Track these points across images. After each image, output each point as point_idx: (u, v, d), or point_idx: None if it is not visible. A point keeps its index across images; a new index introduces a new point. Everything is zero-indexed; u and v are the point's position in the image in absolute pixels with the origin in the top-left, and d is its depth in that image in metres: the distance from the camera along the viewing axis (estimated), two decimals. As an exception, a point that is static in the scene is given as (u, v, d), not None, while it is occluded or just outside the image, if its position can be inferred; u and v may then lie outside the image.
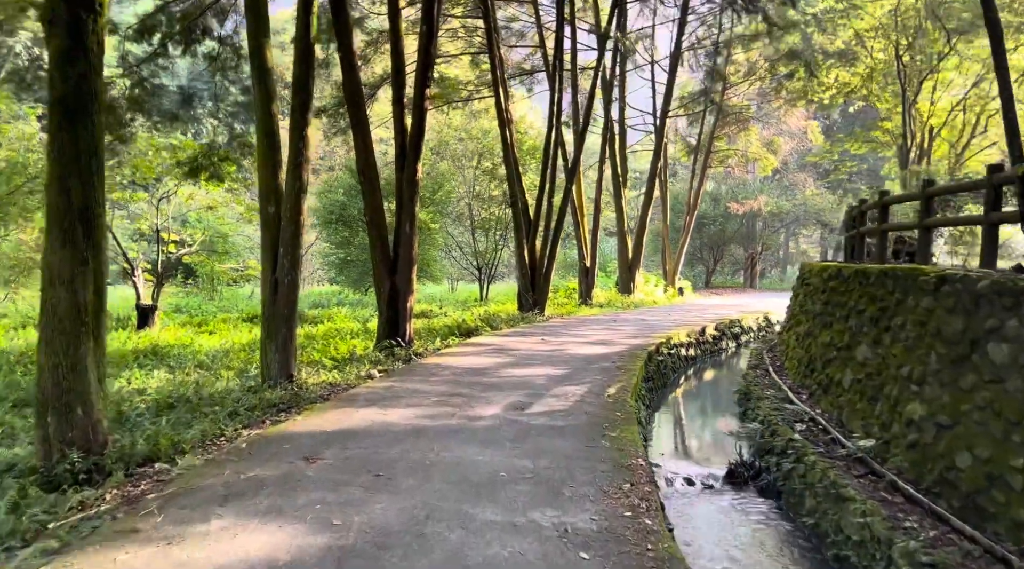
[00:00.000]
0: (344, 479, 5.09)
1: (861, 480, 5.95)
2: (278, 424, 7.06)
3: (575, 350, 11.96)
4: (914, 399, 5.97)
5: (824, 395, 8.41)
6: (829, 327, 9.05)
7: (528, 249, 19.14)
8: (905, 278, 6.83)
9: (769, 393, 9.67)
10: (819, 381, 8.78)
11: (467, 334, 15.13)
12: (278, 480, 5.05)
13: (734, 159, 30.50)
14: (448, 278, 40.62)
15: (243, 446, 5.99)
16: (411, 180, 13.02)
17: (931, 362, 5.83)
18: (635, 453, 5.98)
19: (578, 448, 6.04)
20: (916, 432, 5.77)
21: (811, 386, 9.09)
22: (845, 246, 13.77)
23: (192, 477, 5.19)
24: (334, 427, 6.63)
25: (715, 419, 10.42)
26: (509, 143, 19.17)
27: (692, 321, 18.22)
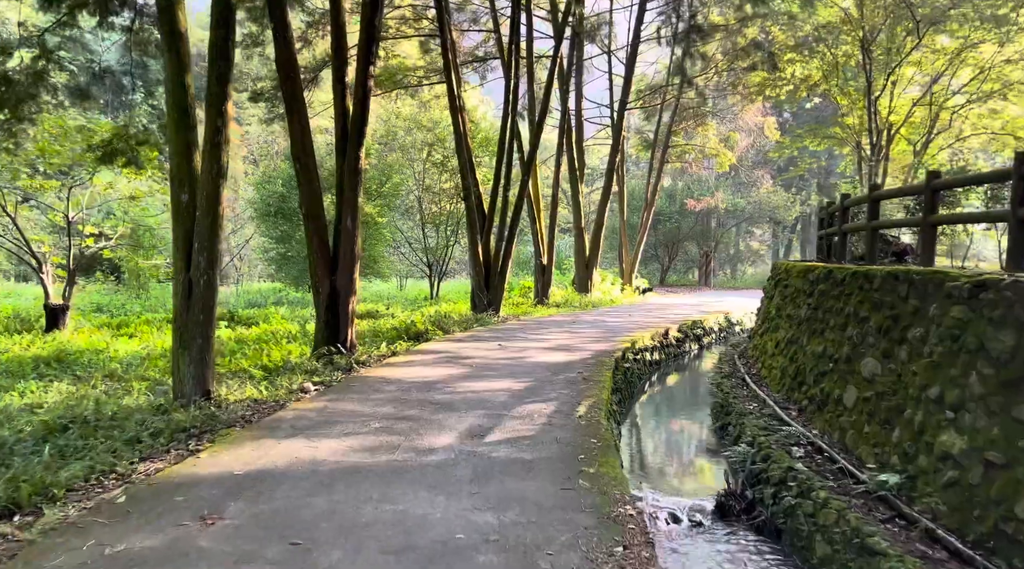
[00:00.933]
0: (248, 552, 3.83)
1: (888, 526, 4.97)
2: (182, 461, 5.73)
3: (536, 357, 10.84)
4: (948, 428, 5.02)
5: (819, 413, 7.48)
6: (820, 335, 8.14)
7: (482, 246, 17.96)
8: (924, 283, 5.91)
9: (752, 407, 8.73)
10: (811, 396, 7.86)
11: (416, 338, 13.89)
12: (155, 559, 3.75)
13: (691, 155, 29.89)
14: (396, 275, 39.11)
15: (121, 500, 4.65)
16: (354, 168, 11.72)
17: (971, 385, 4.89)
18: (622, 497, 4.88)
19: (552, 493, 4.90)
20: (955, 469, 4.82)
21: (800, 401, 8.17)
22: (820, 245, 13.01)
23: (35, 553, 3.85)
24: (247, 467, 5.33)
25: (692, 436, 9.44)
26: (462, 132, 17.93)
27: (654, 323, 17.33)
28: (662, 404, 12.00)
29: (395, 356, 11.22)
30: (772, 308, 11.63)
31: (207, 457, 5.64)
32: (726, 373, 11.25)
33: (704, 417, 10.27)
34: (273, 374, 10.30)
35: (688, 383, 13.94)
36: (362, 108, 11.63)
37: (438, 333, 13.66)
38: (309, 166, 11.38)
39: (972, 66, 20.30)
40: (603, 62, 41.15)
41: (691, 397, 12.36)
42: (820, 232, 13.06)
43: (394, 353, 11.88)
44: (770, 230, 41.58)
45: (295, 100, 11.18)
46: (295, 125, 11.22)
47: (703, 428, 9.67)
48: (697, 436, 9.33)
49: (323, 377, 9.94)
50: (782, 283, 11.45)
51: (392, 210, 27.99)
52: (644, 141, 30.73)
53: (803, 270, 9.73)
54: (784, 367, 9.09)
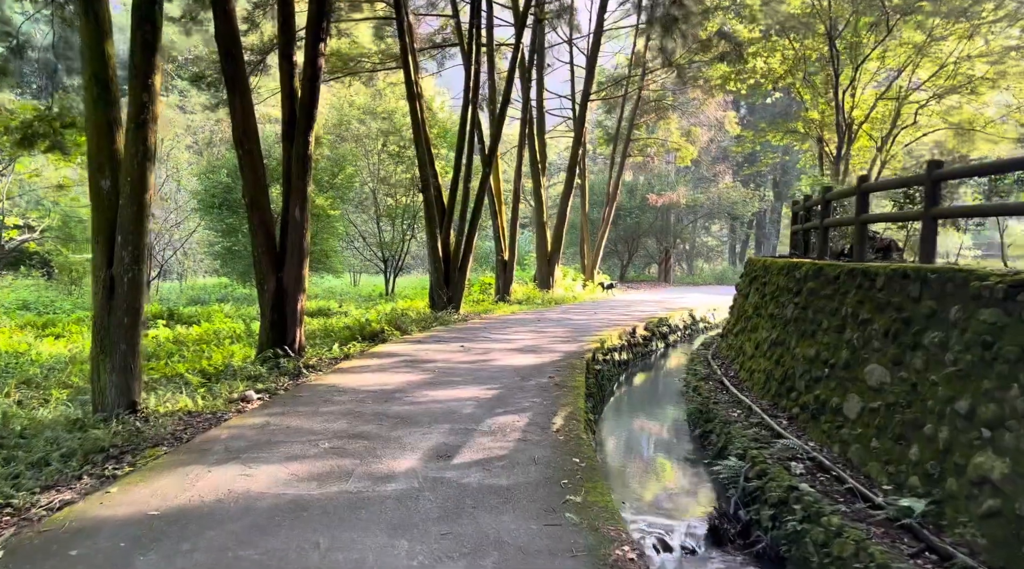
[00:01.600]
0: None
1: (918, 561, 4.36)
2: (92, 493, 4.80)
3: (503, 360, 10.06)
4: (984, 448, 4.43)
5: (813, 423, 6.89)
6: (811, 337, 7.56)
7: (442, 240, 17.09)
8: (942, 282, 5.32)
9: (736, 415, 8.12)
10: (803, 403, 7.27)
11: (372, 338, 12.98)
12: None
13: (653, 149, 29.48)
14: (350, 270, 37.86)
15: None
16: (302, 155, 10.78)
17: (1011, 399, 4.30)
18: (617, 534, 4.14)
19: (535, 531, 4.13)
20: (996, 497, 4.22)
21: (790, 408, 7.58)
22: (795, 240, 12.55)
23: None
24: (167, 504, 4.42)
25: (671, 446, 8.79)
26: (420, 120, 17.01)
27: (620, 320, 16.73)
28: (635, 408, 11.35)
29: (348, 360, 10.31)
30: (748, 307, 11.09)
31: (119, 492, 4.70)
32: (702, 375, 10.66)
33: (681, 423, 9.65)
34: (213, 380, 9.35)
35: (659, 385, 13.35)
36: (311, 89, 10.71)
37: (395, 334, 12.77)
38: (253, 152, 10.40)
39: (933, 60, 20.25)
40: (564, 53, 40.66)
41: (664, 400, 11.75)
42: (795, 227, 12.60)
43: (347, 356, 10.98)
44: (727, 226, 41.61)
45: (237, 78, 10.17)
46: (237, 106, 10.22)
47: (682, 436, 9.03)
48: (677, 446, 8.69)
49: (267, 384, 9.03)
50: (759, 280, 10.92)
51: (345, 203, 26.86)
52: (606, 134, 30.17)
53: (785, 267, 9.17)
54: (769, 371, 8.51)
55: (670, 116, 28.65)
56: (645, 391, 12.67)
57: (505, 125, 18.70)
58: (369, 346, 12.05)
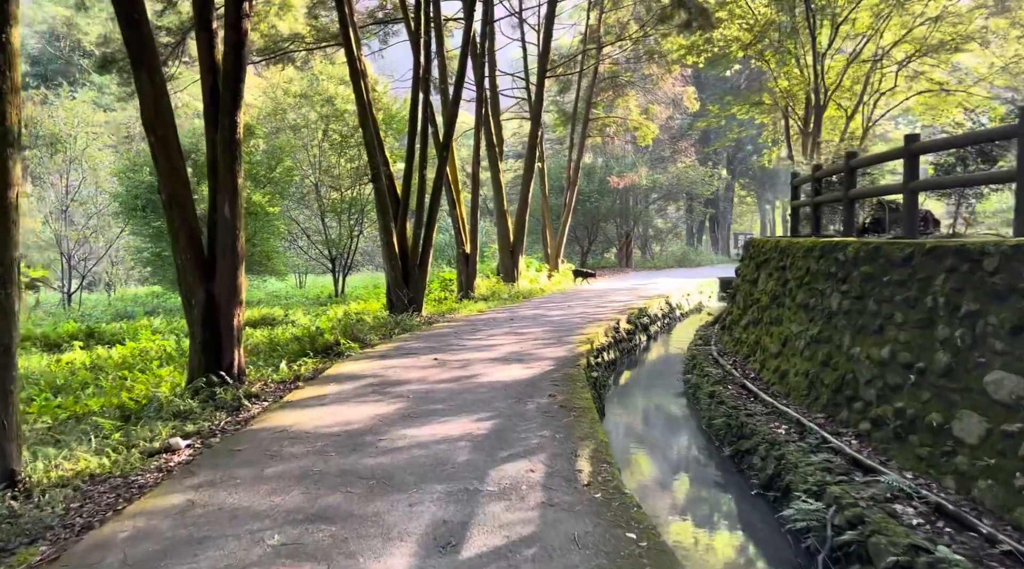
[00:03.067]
0: None
1: None
2: None
3: (488, 375, 8.40)
4: None
5: (900, 445, 5.47)
6: (877, 333, 6.14)
7: (398, 234, 15.27)
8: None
9: (782, 431, 6.67)
10: (876, 418, 5.84)
11: (326, 352, 11.20)
12: None
13: (612, 128, 28.09)
14: (295, 271, 35.50)
15: None
16: (230, 139, 8.92)
17: None
18: None
19: None
20: None
21: (855, 424, 6.15)
22: (798, 217, 11.23)
23: None
24: None
25: (702, 474, 7.29)
26: (366, 101, 15.11)
27: (599, 314, 15.25)
28: (639, 420, 9.85)
29: (300, 388, 8.50)
30: (761, 295, 9.69)
31: None
32: (715, 377, 9.20)
33: (698, 437, 8.19)
34: (132, 420, 7.53)
35: (655, 386, 11.89)
36: (236, 58, 8.82)
37: (353, 347, 10.96)
38: (168, 138, 8.51)
39: (902, 24, 19.32)
40: (513, 30, 39.09)
41: (669, 407, 10.30)
42: (797, 202, 11.26)
43: (298, 379, 9.18)
44: (685, 206, 40.66)
45: (143, 50, 8.25)
46: (145, 83, 8.29)
47: (708, 458, 7.55)
48: (712, 474, 7.21)
49: (199, 423, 7.22)
50: (772, 264, 9.53)
51: (285, 198, 24.67)
52: (562, 114, 28.64)
53: (817, 248, 7.75)
54: (812, 374, 7.08)
55: (628, 93, 27.27)
56: (643, 396, 11.19)
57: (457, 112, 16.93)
58: (323, 363, 10.25)
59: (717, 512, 6.32)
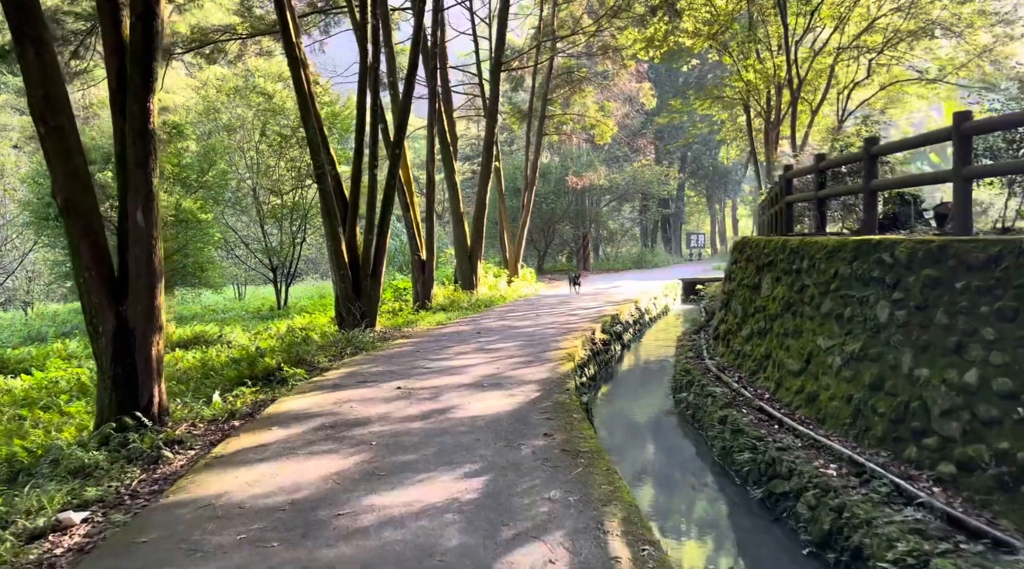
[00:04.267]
0: None
1: None
2: None
3: (466, 408, 7.01)
4: None
5: (1009, 499, 4.33)
6: (954, 353, 5.02)
7: (347, 241, 13.74)
8: None
9: (832, 472, 5.50)
10: (963, 460, 4.71)
11: (267, 379, 9.67)
12: None
13: (569, 126, 26.98)
14: (234, 282, 33.28)
15: None
16: (141, 130, 7.37)
17: None
18: None
19: None
20: None
21: (931, 465, 5.01)
22: (789, 215, 10.20)
23: None
24: None
25: (735, 522, 6.06)
26: (307, 92, 13.54)
27: (571, 323, 14.03)
28: (642, 452, 8.60)
29: (235, 426, 6.96)
30: (769, 302, 8.58)
31: None
32: (722, 399, 8.01)
33: (716, 475, 6.98)
34: (20, 481, 5.94)
35: (644, 406, 10.70)
36: (146, 31, 7.28)
37: (299, 373, 9.40)
38: (63, 130, 6.92)
39: (863, 16, 18.74)
40: (459, 23, 37.65)
41: (666, 434, 9.11)
42: (792, 197, 10.23)
43: (234, 416, 7.66)
44: (639, 207, 39.91)
45: (26, 18, 6.66)
46: (31, 61, 6.72)
47: (738, 505, 6.34)
48: (745, 524, 6.00)
49: (105, 485, 5.73)
50: (779, 266, 8.43)
51: (220, 204, 22.70)
52: (517, 111, 27.39)
53: (849, 248, 6.64)
54: (860, 399, 5.93)
55: (585, 89, 26.22)
56: (633, 419, 9.95)
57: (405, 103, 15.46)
58: (264, 393, 8.72)
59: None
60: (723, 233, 58.20)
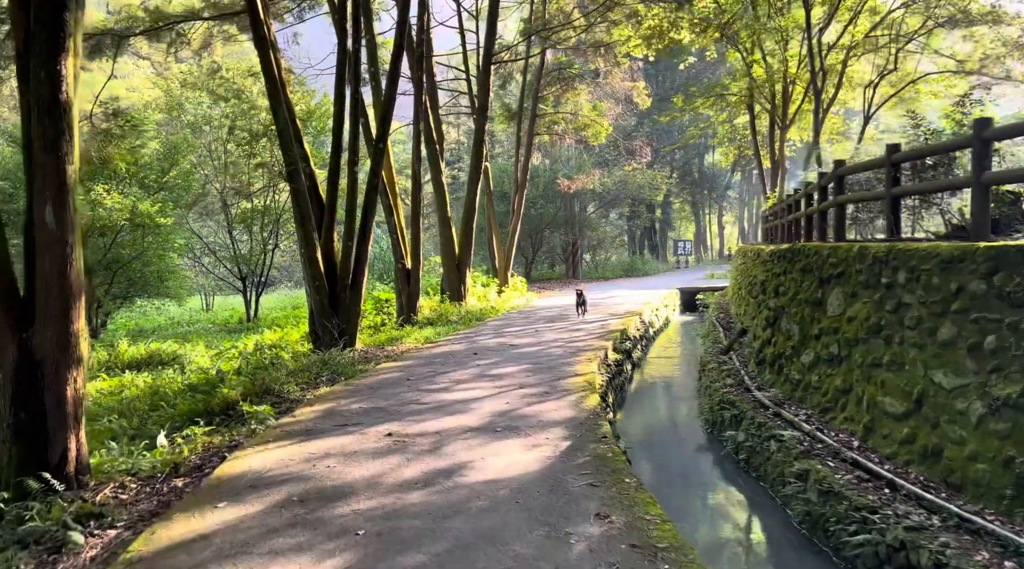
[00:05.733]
0: None
1: None
2: None
3: (478, 466, 5.34)
4: None
5: None
6: None
7: (323, 248, 12.03)
8: None
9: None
10: None
11: (226, 413, 8.00)
12: None
13: (561, 125, 25.44)
14: (201, 292, 31.23)
15: None
16: (51, 102, 5.74)
17: None
18: None
19: None
20: None
21: None
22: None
23: None
24: None
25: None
26: (278, 80, 11.82)
27: (578, 341, 12.43)
28: (714, 535, 6.98)
29: (175, 501, 5.23)
30: (842, 323, 7.03)
31: None
32: (796, 447, 6.43)
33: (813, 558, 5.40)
34: None
35: (683, 447, 9.11)
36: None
37: (264, 412, 7.64)
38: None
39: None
40: (444, 16, 36.10)
41: (732, 495, 7.53)
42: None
43: (176, 471, 5.96)
44: (628, 212, 38.46)
45: None
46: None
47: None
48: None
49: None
50: (854, 278, 6.90)
51: (183, 207, 20.77)
52: (506, 110, 25.78)
53: (982, 256, 5.11)
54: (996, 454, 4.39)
55: (577, 87, 24.71)
56: (668, 461, 8.33)
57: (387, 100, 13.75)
58: (220, 433, 7.00)
59: None
60: (708, 239, 57.13)
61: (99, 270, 17.44)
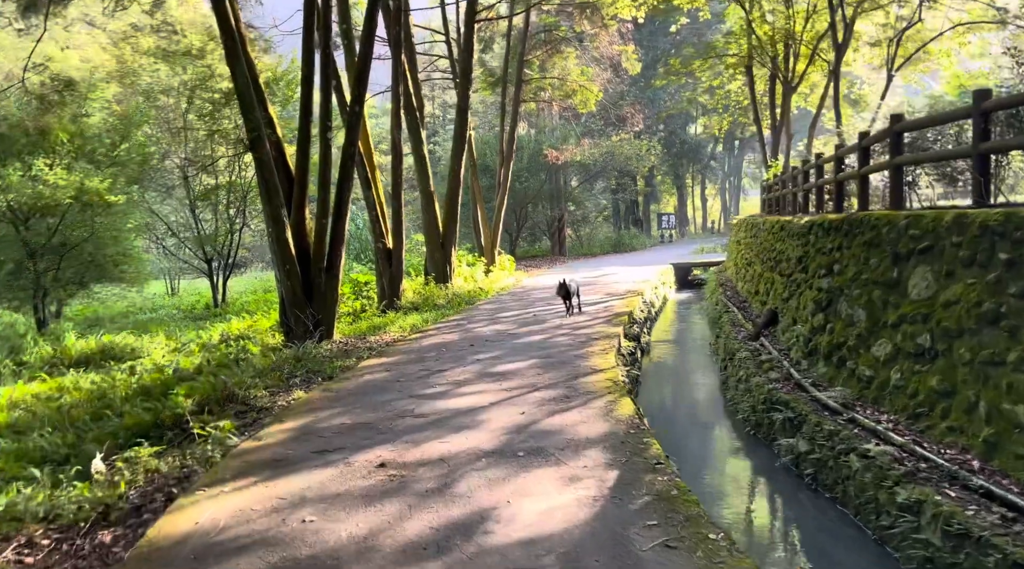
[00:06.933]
0: None
1: None
2: None
3: (504, 518, 3.98)
4: None
5: None
6: None
7: (293, 226, 10.52)
8: None
9: None
10: None
11: (178, 426, 6.62)
12: None
13: (548, 92, 23.85)
14: (165, 276, 29.37)
15: None
16: None
17: None
18: None
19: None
20: None
21: None
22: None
23: None
24: None
25: None
26: (235, 33, 10.19)
27: (583, 326, 11.13)
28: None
29: (103, 560, 3.81)
30: (940, 311, 5.75)
31: None
32: (895, 464, 5.15)
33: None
34: None
35: (718, 451, 7.84)
36: None
37: (224, 429, 6.16)
38: None
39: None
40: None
41: (811, 528, 6.27)
42: (902, 157, 7.39)
43: (104, 518, 4.68)
44: (615, 185, 37.01)
45: None
46: None
47: None
48: None
49: None
50: (952, 255, 5.61)
51: (138, 184, 18.95)
52: (489, 75, 24.13)
53: None
54: None
55: (564, 50, 23.12)
56: (710, 471, 7.04)
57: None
58: (171, 455, 5.61)
59: None
60: (691, 213, 56.02)
61: (43, 254, 15.68)
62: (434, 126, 42.13)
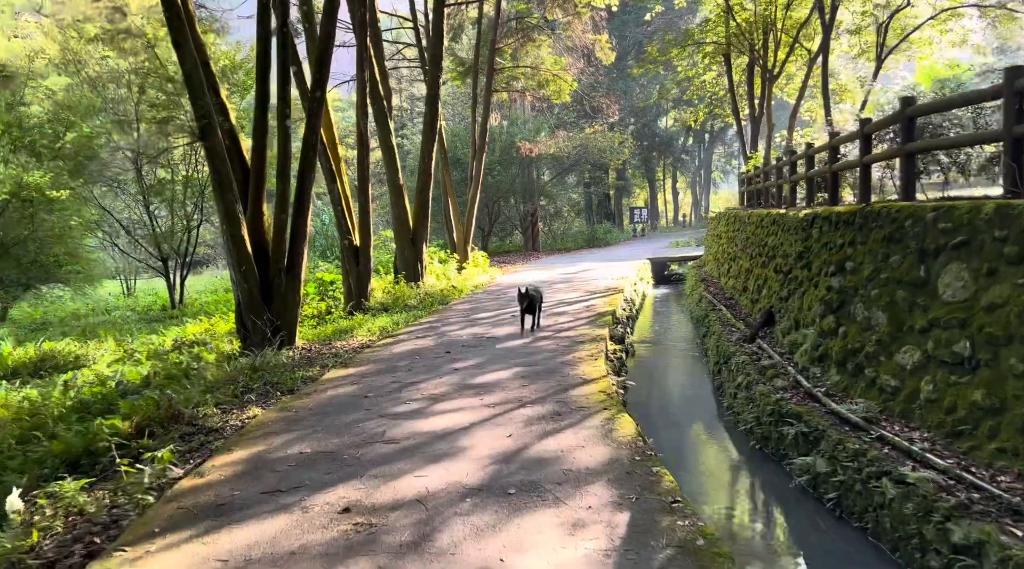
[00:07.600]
0: None
1: None
2: None
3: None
4: None
5: None
6: None
7: (249, 223, 9.60)
8: None
9: None
10: None
11: (115, 452, 5.71)
12: None
13: (521, 82, 23.04)
14: (120, 275, 27.94)
15: None
16: None
17: None
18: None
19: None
20: None
21: None
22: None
23: None
24: None
25: None
26: (181, 10, 9.18)
27: (567, 329, 10.39)
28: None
29: None
30: (982, 315, 5.11)
31: None
32: (943, 496, 4.51)
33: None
34: None
35: (724, 470, 7.16)
36: None
37: (162, 460, 5.29)
38: None
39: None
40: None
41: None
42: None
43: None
44: (586, 179, 36.38)
45: None
46: None
47: None
48: None
49: None
50: (993, 251, 4.98)
51: (86, 178, 17.71)
52: (459, 63, 23.23)
53: None
54: None
55: (537, 38, 22.32)
56: (736, 509, 6.34)
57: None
58: (100, 489, 4.83)
59: None
60: (661, 207, 55.70)
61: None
62: (402, 119, 41.06)
